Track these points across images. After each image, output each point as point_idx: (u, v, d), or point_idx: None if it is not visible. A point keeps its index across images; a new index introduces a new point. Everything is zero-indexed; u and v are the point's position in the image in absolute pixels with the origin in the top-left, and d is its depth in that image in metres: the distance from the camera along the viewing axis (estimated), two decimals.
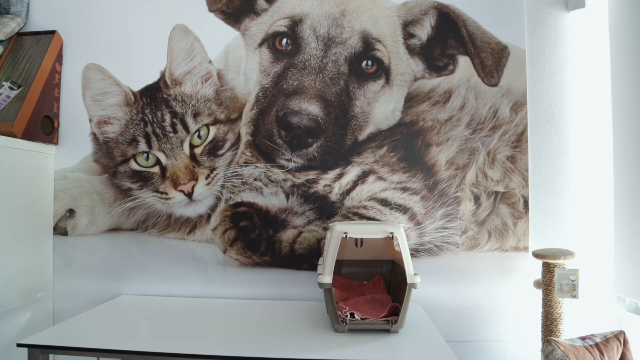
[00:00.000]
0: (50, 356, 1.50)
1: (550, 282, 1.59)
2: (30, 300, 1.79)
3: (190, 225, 1.87)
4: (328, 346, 1.31)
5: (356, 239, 1.74)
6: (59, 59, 1.95)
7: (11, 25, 1.91)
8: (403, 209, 1.82)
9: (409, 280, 1.39)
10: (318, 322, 1.53)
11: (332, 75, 1.83)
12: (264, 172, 1.85)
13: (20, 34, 1.96)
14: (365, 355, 1.25)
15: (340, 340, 1.35)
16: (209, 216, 1.86)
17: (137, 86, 1.89)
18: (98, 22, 1.96)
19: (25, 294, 1.76)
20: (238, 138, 1.85)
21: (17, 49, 1.92)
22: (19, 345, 1.31)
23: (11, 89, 1.77)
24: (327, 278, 1.39)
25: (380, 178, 1.83)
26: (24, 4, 1.96)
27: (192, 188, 1.85)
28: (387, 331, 1.42)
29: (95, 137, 1.91)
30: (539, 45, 1.85)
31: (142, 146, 1.86)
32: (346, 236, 1.42)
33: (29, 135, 1.78)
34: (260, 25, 1.87)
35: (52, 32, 1.94)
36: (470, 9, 1.83)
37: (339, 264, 1.77)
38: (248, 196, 1.85)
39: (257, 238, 1.83)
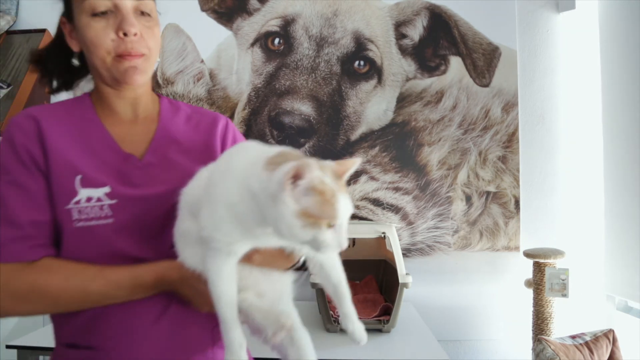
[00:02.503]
0: (40, 357, 1.48)
1: (541, 281, 1.61)
2: None
3: None
4: (320, 346, 1.30)
5: (348, 239, 1.74)
6: None
7: (0, 24, 1.89)
8: (395, 209, 1.82)
9: (400, 280, 1.39)
10: (310, 322, 1.53)
11: (325, 75, 1.83)
12: None
13: (9, 32, 1.94)
14: (358, 354, 1.25)
15: (332, 340, 1.36)
16: None
17: None
18: None
19: None
20: None
21: (6, 48, 1.90)
22: (8, 347, 1.30)
23: (0, 87, 1.76)
24: None
25: (373, 178, 1.83)
26: (13, 2, 1.94)
27: None
28: (380, 331, 1.43)
29: None
30: (530, 46, 1.86)
31: None
32: None
33: None
34: (253, 25, 1.87)
35: (43, 31, 1.92)
36: (462, 10, 1.83)
37: None
38: None
39: None
